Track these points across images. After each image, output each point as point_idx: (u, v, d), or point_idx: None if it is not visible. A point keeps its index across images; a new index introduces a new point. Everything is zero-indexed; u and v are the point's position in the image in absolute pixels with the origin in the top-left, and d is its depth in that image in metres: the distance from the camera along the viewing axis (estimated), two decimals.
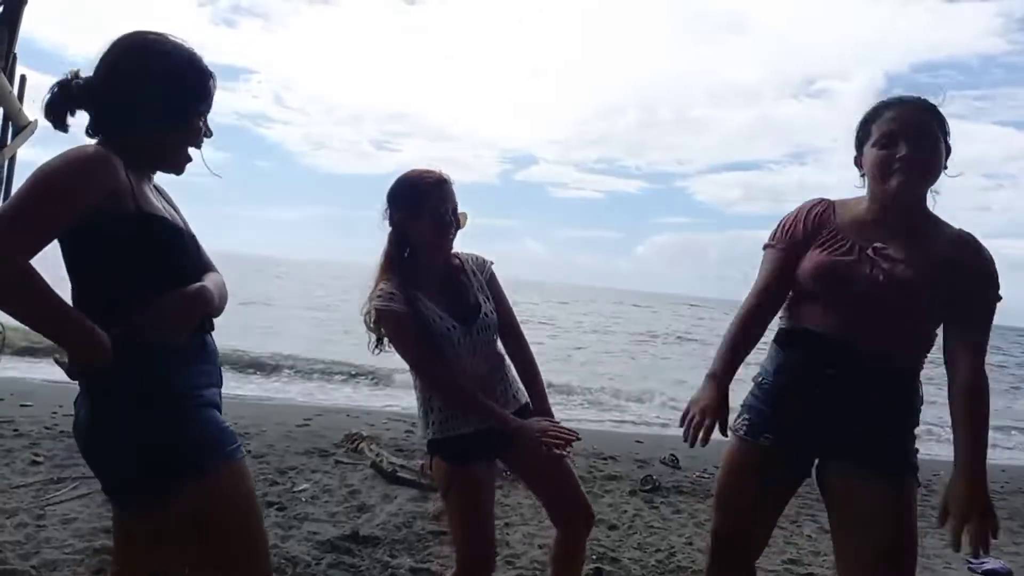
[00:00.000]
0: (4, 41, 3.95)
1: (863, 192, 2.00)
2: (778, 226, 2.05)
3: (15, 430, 5.08)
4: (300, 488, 4.40)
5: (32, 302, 1.35)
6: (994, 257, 1.90)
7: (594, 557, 3.62)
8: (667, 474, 5.83)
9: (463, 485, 2.22)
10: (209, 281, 1.63)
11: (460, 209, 2.26)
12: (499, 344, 2.37)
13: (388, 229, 2.26)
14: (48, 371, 9.35)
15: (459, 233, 2.28)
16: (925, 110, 1.87)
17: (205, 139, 1.67)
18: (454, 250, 2.33)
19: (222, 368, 1.71)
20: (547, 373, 2.55)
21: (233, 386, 9.55)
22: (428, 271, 2.26)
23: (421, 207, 2.19)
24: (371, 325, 2.21)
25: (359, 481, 4.66)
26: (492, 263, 2.42)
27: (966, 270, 1.85)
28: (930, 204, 1.94)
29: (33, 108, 4.40)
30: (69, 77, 1.53)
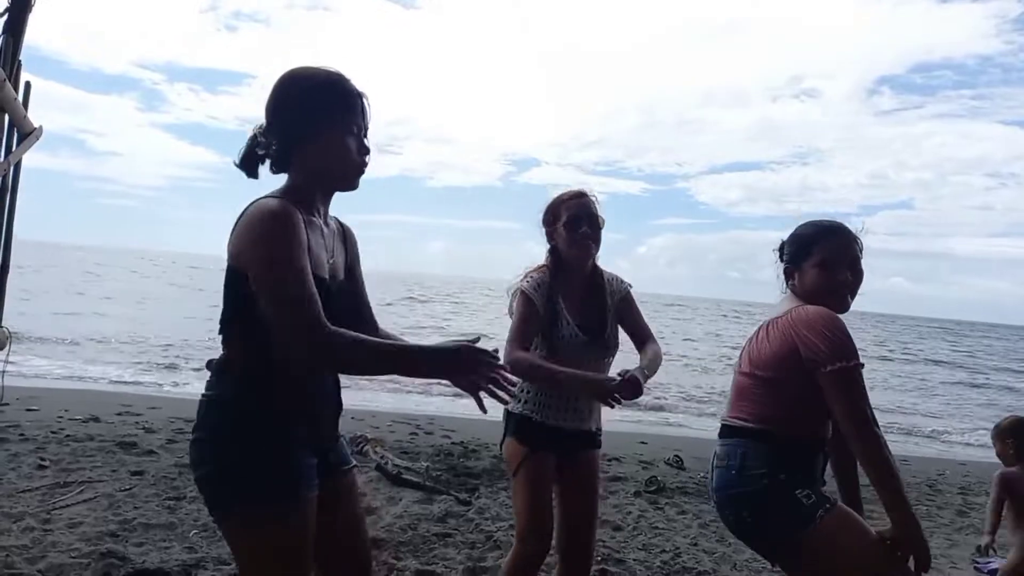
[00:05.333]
0: (9, 48, 3.97)
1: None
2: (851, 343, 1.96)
3: (21, 435, 5.11)
4: None
5: (370, 359, 1.55)
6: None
7: (599, 559, 3.62)
8: (671, 475, 5.84)
9: (533, 467, 2.43)
10: None
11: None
12: (610, 365, 2.59)
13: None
14: (53, 375, 9.39)
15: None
16: None
17: (366, 156, 1.72)
18: (602, 269, 2.61)
19: None
20: None
21: None
22: (572, 280, 2.52)
23: (558, 219, 2.51)
24: (510, 296, 2.54)
25: (364, 483, 4.66)
26: (630, 286, 2.65)
27: None
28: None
29: (37, 115, 4.42)
30: (255, 132, 1.66)
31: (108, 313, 18.94)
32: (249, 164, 1.68)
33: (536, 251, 2.70)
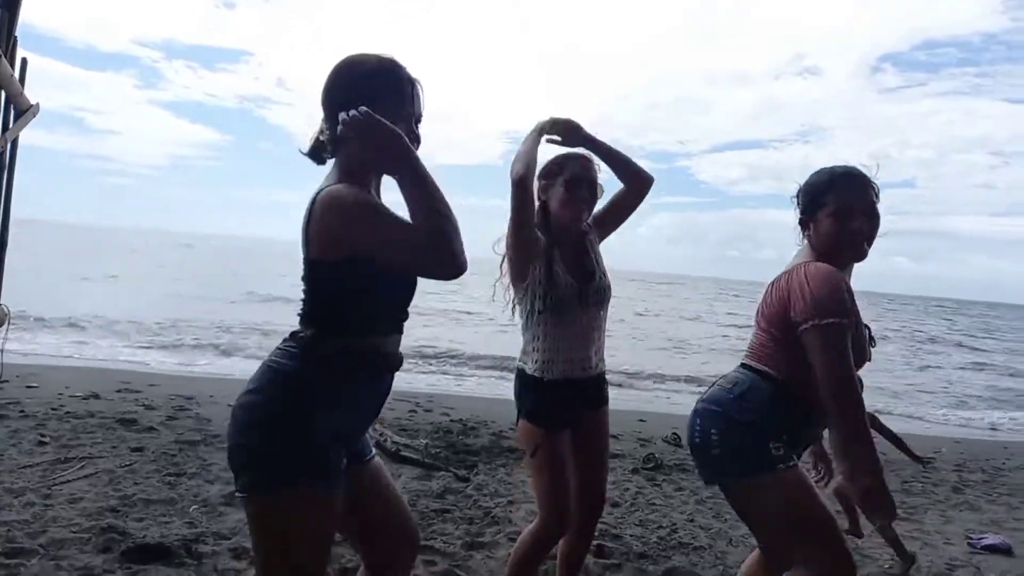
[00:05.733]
0: (5, 24, 3.93)
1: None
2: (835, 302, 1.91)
3: (21, 411, 5.13)
4: None
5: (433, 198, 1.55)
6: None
7: (596, 534, 3.65)
8: (669, 452, 5.87)
9: (550, 449, 2.44)
10: None
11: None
12: (606, 314, 2.61)
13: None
14: (53, 353, 9.42)
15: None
16: None
17: (415, 143, 1.70)
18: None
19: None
20: None
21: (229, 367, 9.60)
22: (560, 237, 2.52)
23: (559, 173, 2.51)
24: (496, 249, 2.52)
25: None
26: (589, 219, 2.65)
27: None
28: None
29: (34, 92, 4.39)
30: (321, 130, 1.71)
31: (106, 291, 18.94)
32: (315, 153, 1.73)
33: None
